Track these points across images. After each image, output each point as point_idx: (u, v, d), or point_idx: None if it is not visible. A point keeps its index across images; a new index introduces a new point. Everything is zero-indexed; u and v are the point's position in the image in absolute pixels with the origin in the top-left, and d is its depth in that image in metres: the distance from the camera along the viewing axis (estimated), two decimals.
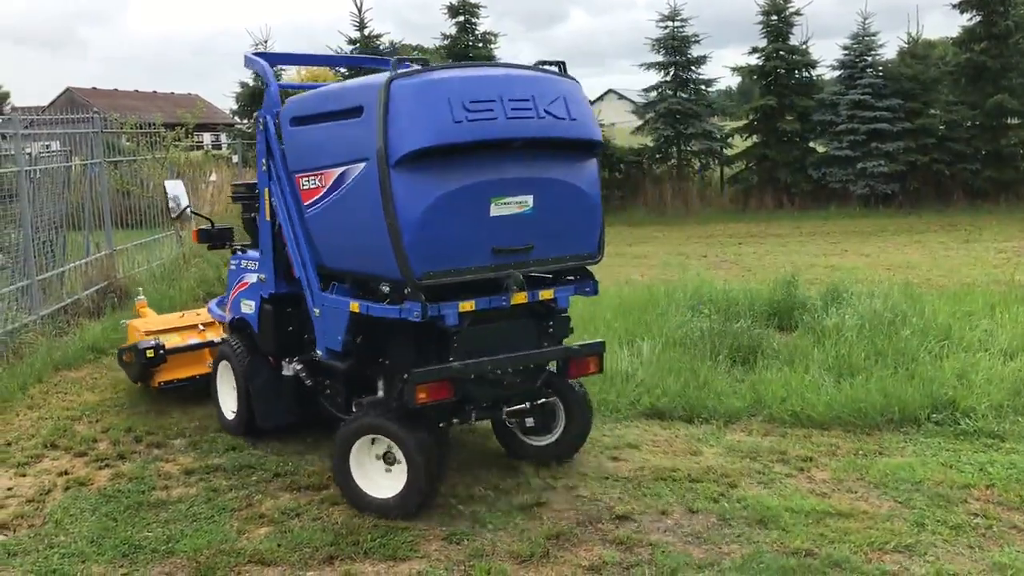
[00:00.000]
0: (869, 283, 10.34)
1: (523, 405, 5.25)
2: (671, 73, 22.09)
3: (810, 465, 5.36)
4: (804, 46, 21.50)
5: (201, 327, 7.38)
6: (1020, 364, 6.60)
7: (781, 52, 21.19)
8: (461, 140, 4.44)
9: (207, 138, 39.31)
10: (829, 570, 4.07)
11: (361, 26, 22.71)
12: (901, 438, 5.77)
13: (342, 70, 23.10)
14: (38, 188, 9.69)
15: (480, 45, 22.54)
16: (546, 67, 4.94)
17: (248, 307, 5.96)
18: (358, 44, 22.74)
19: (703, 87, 22.43)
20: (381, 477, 4.90)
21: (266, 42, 24.27)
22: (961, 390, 6.18)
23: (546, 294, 4.93)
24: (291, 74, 23.95)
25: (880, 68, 20.81)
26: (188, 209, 6.86)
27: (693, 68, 22.10)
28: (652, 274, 12.58)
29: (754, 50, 21.71)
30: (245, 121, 26.31)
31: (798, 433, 5.92)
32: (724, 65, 32.79)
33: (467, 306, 4.65)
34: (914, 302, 8.39)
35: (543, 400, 5.32)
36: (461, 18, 22.42)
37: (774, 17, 21.38)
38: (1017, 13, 20.26)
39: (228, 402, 6.28)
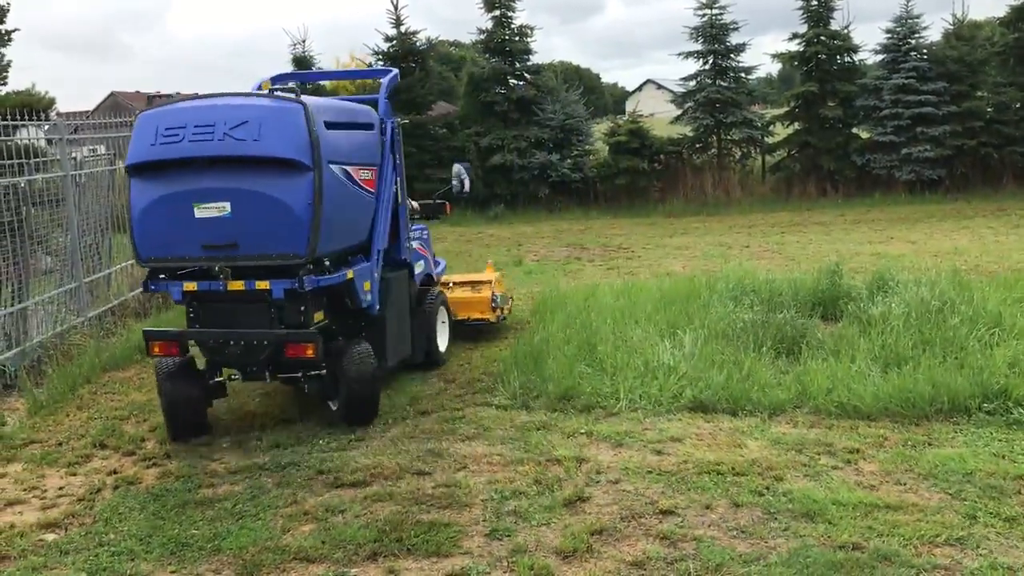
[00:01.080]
0: (916, 271, 10.14)
1: (296, 374, 6.37)
2: (710, 62, 21.79)
3: (857, 457, 5.27)
4: (845, 31, 21.06)
5: (478, 285, 8.80)
6: None
7: (822, 37, 20.80)
8: (155, 159, 5.93)
9: None
10: (878, 564, 3.99)
11: (397, 23, 22.74)
12: (951, 428, 5.64)
13: (380, 67, 23.32)
14: (84, 192, 9.87)
15: (516, 39, 22.46)
16: (267, 94, 6.25)
17: None
18: (395, 41, 22.79)
19: (743, 75, 22.08)
20: None
21: (304, 41, 24.38)
22: (1013, 379, 6.04)
23: (262, 285, 5.95)
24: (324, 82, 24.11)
25: (924, 51, 20.33)
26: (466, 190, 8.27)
27: (732, 56, 21.76)
28: (693, 265, 12.47)
29: (794, 36, 21.34)
30: None
31: (844, 425, 5.82)
32: (764, 52, 32.49)
33: (190, 286, 6.10)
34: (963, 289, 8.20)
35: (315, 372, 6.30)
36: (497, 12, 22.36)
37: (814, 2, 20.99)
38: None
39: None
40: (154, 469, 5.76)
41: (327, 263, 6.13)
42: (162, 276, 6.17)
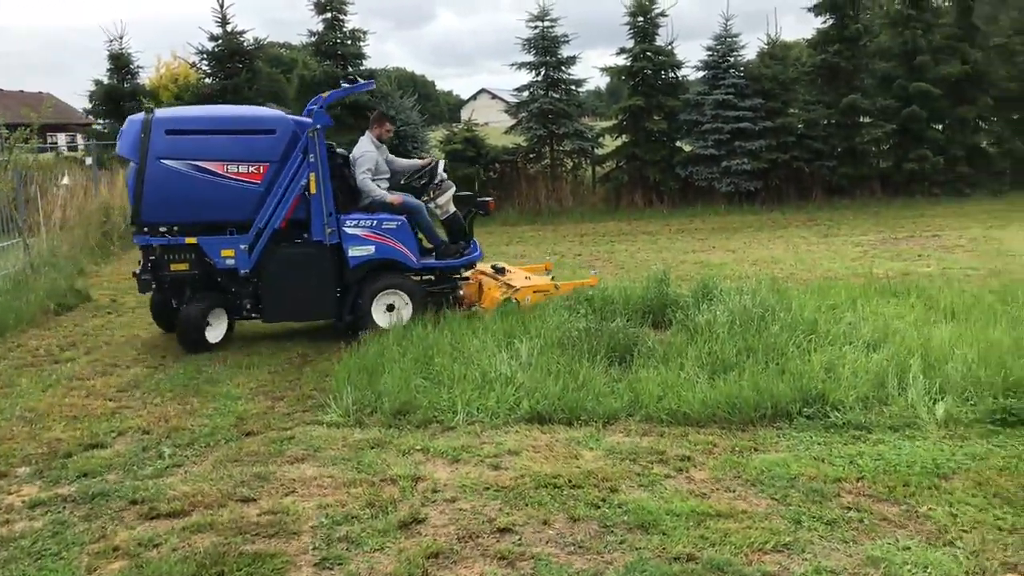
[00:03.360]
0: (737, 279, 10.59)
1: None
2: (542, 73, 22.17)
3: (689, 465, 5.35)
4: (670, 47, 21.93)
5: (509, 288, 9.33)
6: (883, 356, 6.81)
7: (648, 53, 21.55)
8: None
9: (62, 139, 37.16)
10: (711, 574, 4.03)
11: (223, 22, 21.90)
12: (775, 433, 5.83)
13: (204, 67, 22.36)
14: None
15: (349, 42, 22.07)
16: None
17: None
18: (220, 40, 21.90)
19: (574, 87, 22.59)
20: None
21: (121, 38, 23.10)
22: (829, 383, 6.31)
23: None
24: (150, 74, 22.97)
25: (742, 69, 21.45)
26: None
27: (564, 68, 22.23)
28: None
29: (622, 51, 22.02)
30: (101, 121, 24.94)
31: (675, 432, 5.92)
32: (593, 66, 33.37)
33: None
34: (781, 297, 8.58)
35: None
36: (328, 15, 21.90)
37: (640, 18, 21.72)
38: (867, 17, 21.35)
39: None
40: None
41: (165, 229, 8.58)
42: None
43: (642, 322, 8.39)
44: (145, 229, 8.54)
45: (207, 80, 22.49)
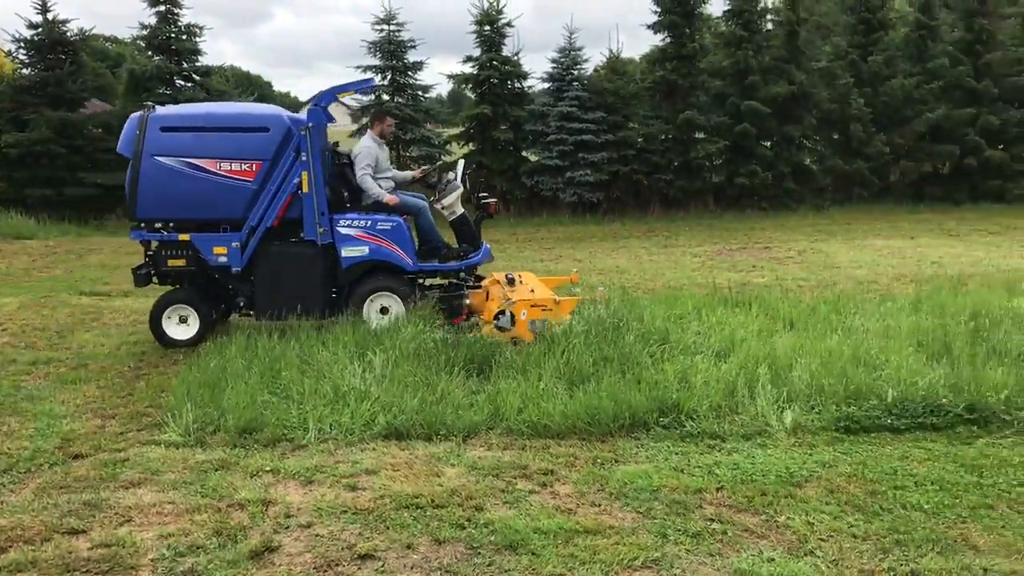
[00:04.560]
0: (586, 288, 10.67)
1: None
2: (388, 77, 21.85)
3: (552, 479, 5.25)
4: (516, 57, 22.08)
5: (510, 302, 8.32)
6: (732, 365, 6.97)
7: (495, 62, 21.61)
8: None
9: None
10: None
11: (44, 9, 20.39)
12: (634, 444, 5.84)
13: (21, 56, 20.86)
14: None
15: (184, 37, 21.03)
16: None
17: None
18: (40, 29, 20.38)
19: (420, 93, 22.39)
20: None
21: None
22: (683, 393, 6.39)
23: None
24: None
25: (585, 82, 21.86)
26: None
27: (410, 73, 21.99)
28: None
29: (469, 59, 21.99)
30: None
31: (536, 445, 5.82)
32: (440, 72, 33.24)
33: None
34: (632, 307, 8.69)
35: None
36: (162, 8, 20.78)
37: (487, 27, 21.78)
38: (702, 38, 22.26)
39: None
40: None
41: (161, 225, 8.60)
42: None
43: None
44: (142, 225, 8.61)
45: (25, 71, 20.88)
